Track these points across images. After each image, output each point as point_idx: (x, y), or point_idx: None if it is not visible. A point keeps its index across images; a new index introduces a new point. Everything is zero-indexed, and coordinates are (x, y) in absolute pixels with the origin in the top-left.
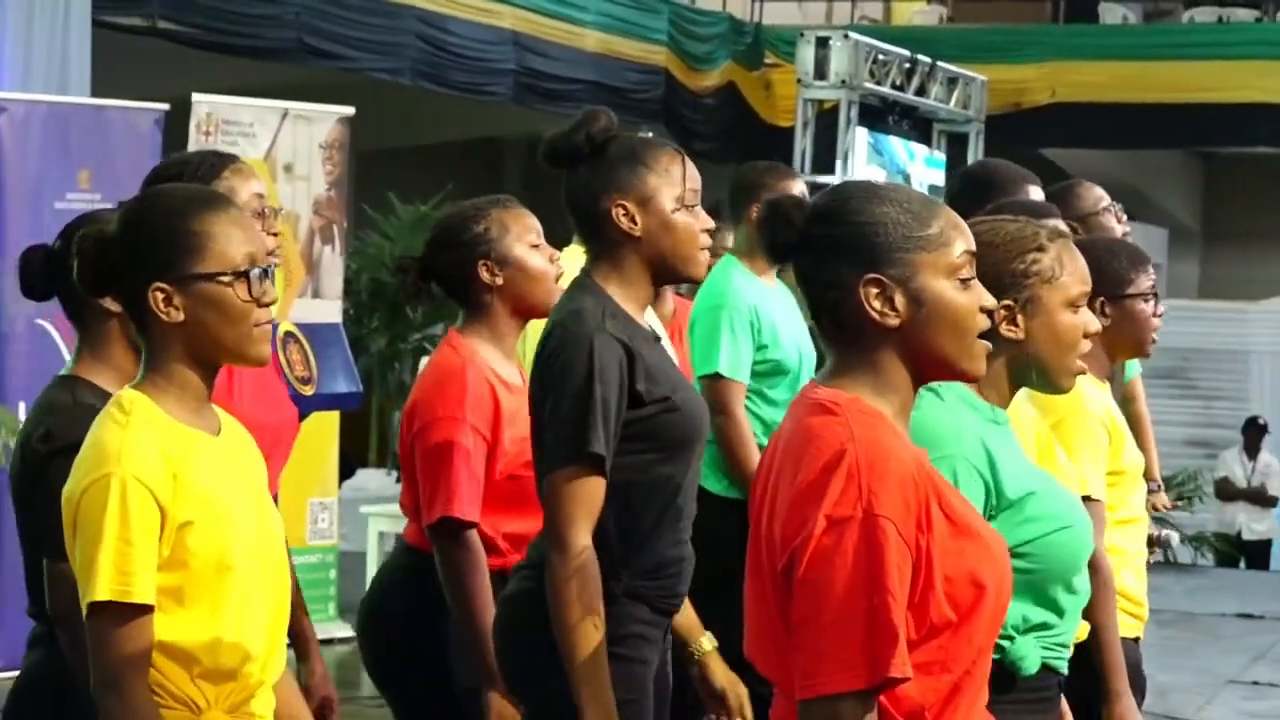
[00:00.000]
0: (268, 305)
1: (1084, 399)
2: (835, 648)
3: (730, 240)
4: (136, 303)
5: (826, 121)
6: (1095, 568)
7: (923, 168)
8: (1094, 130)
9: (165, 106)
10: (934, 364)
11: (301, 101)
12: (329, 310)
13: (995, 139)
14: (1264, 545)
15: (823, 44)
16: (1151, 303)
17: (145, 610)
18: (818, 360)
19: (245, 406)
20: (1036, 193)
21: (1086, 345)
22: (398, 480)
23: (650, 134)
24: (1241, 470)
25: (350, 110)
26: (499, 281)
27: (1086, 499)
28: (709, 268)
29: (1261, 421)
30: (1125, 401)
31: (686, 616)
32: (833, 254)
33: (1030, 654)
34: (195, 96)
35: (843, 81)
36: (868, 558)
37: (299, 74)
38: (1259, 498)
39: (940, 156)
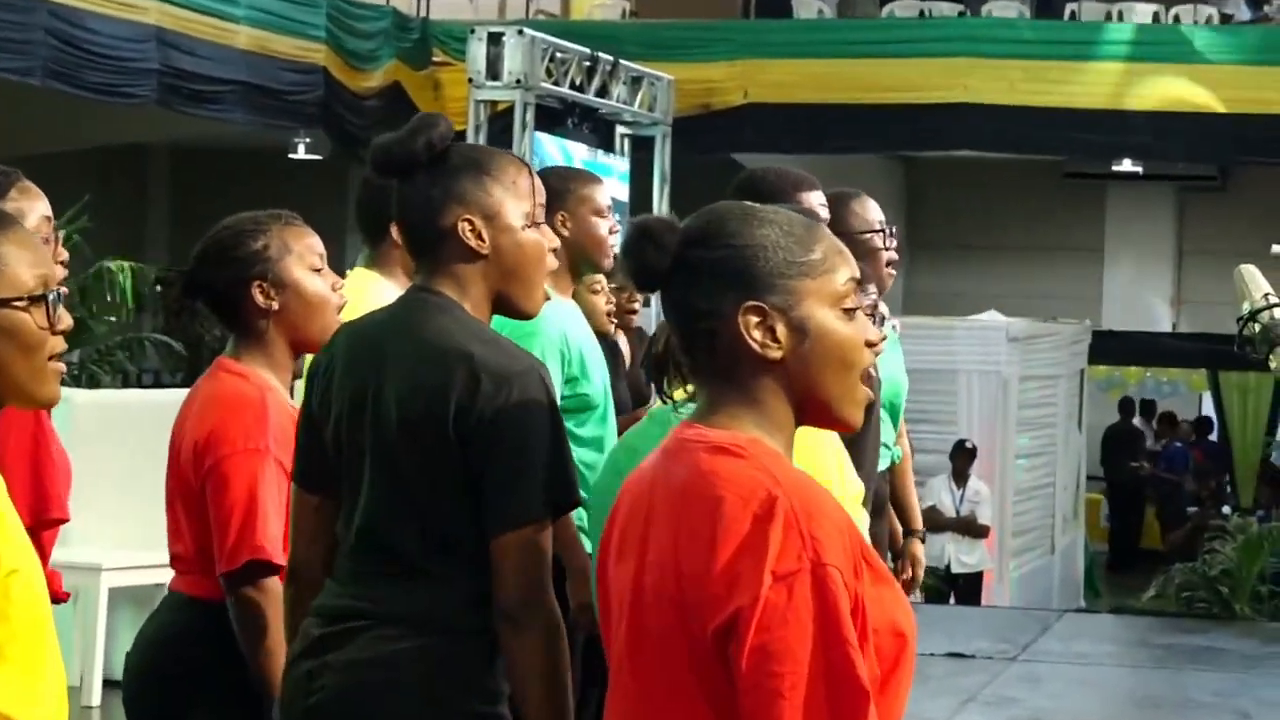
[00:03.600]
0: (62, 332)
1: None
2: (798, 714)
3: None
4: None
5: (501, 125)
6: None
7: None
8: (789, 133)
9: None
10: (814, 404)
11: None
12: None
13: (684, 143)
14: (975, 578)
15: (495, 41)
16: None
17: None
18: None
19: (57, 445)
20: (817, 197)
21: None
22: None
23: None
24: (950, 498)
25: None
26: (274, 306)
27: None
28: None
29: (970, 445)
30: None
31: None
32: (708, 279)
33: None
34: None
35: (517, 81)
36: (821, 611)
37: None
38: (969, 528)
39: (618, 164)
